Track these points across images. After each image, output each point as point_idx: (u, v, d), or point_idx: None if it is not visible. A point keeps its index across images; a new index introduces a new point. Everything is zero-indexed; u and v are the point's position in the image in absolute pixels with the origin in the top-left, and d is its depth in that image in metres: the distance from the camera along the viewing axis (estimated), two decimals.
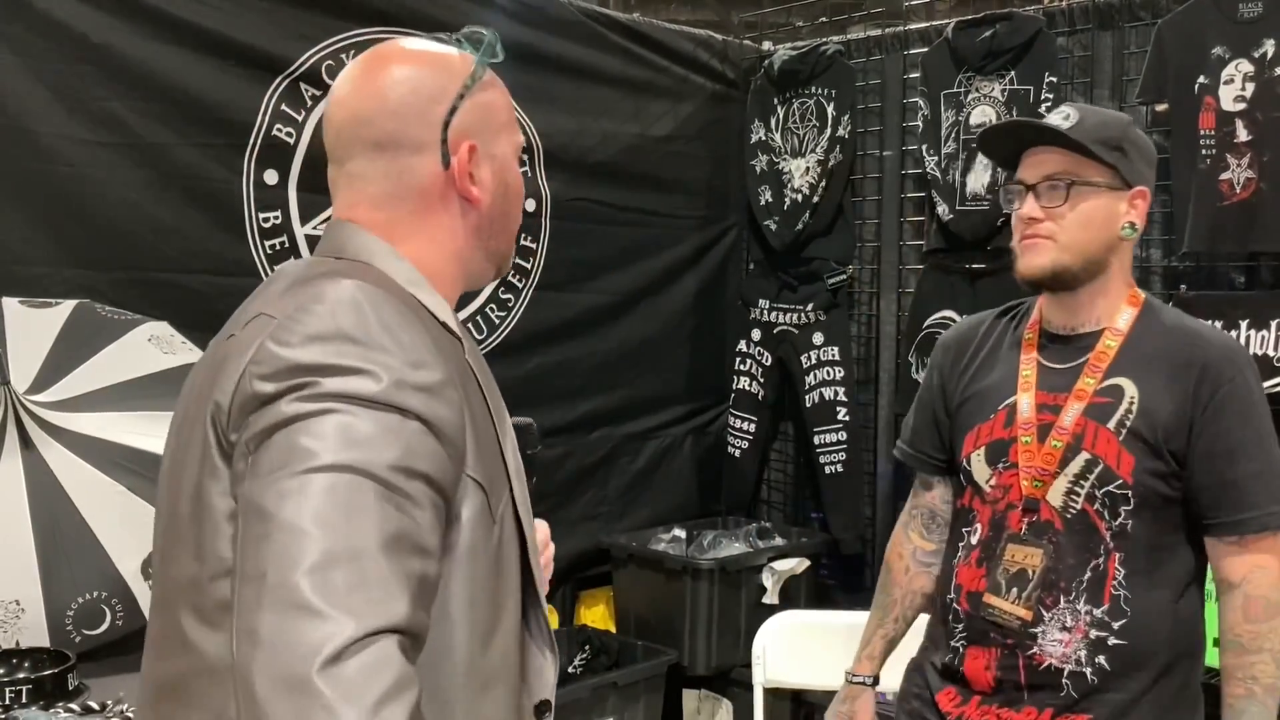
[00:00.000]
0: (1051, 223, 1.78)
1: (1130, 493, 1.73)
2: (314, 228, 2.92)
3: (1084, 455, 1.76)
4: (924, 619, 2.03)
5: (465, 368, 1.14)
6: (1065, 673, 1.75)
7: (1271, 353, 2.72)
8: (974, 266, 3.27)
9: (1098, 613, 1.75)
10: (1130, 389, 1.77)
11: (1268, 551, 1.75)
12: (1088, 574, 1.75)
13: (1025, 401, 1.83)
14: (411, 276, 1.16)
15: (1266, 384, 2.69)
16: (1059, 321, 1.87)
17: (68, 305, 2.38)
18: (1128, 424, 1.75)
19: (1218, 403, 1.73)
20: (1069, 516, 1.77)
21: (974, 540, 1.87)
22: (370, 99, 1.17)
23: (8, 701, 1.89)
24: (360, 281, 1.06)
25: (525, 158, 1.30)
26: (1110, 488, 1.74)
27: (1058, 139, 1.77)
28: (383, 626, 0.88)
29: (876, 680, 2.06)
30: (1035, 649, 1.77)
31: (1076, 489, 1.76)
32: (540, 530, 1.30)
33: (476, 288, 1.25)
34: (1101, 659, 1.74)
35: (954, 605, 1.87)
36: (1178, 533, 1.78)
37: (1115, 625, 1.74)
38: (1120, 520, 1.74)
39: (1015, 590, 1.78)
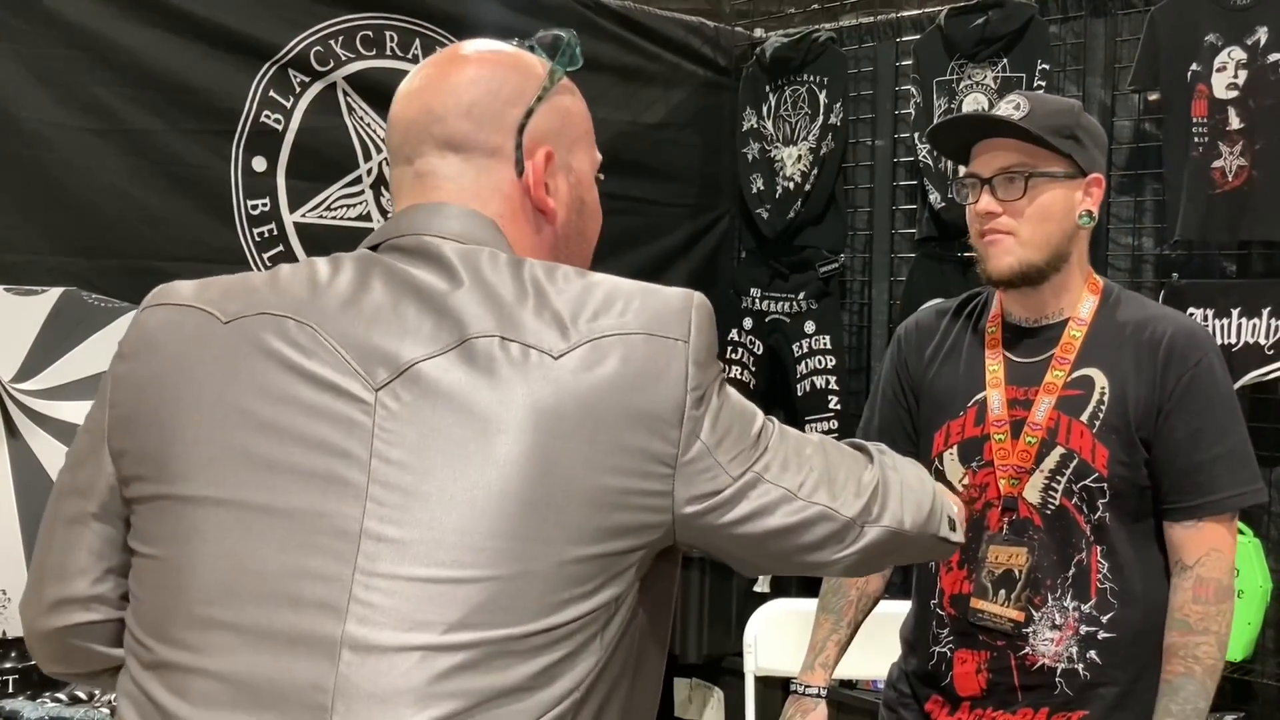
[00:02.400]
0: (1010, 218, 1.74)
1: (1106, 485, 1.72)
2: (302, 215, 2.90)
3: (1059, 450, 1.74)
4: (892, 626, 1.98)
5: None
6: (1058, 671, 1.74)
7: (1263, 341, 2.72)
8: (966, 255, 3.24)
9: (1086, 608, 1.74)
10: (1100, 379, 1.75)
11: (1223, 534, 1.75)
12: (1071, 570, 1.74)
13: (995, 397, 1.81)
14: None
15: (1259, 371, 2.72)
16: (1020, 314, 1.84)
17: (53, 293, 2.37)
18: (1100, 416, 1.73)
19: (1183, 387, 1.72)
20: (1048, 513, 1.75)
21: None
22: (443, 95, 1.08)
23: None
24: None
25: (601, 176, 1.21)
26: (1087, 482, 1.73)
27: (1011, 130, 1.73)
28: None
29: (828, 691, 1.89)
30: (1027, 649, 1.76)
31: (1054, 485, 1.75)
32: None
33: None
34: (1093, 654, 1.74)
35: (937, 610, 1.84)
36: (1152, 519, 1.77)
37: (1104, 619, 1.74)
38: (1099, 514, 1.73)
39: (1003, 592, 1.76)
